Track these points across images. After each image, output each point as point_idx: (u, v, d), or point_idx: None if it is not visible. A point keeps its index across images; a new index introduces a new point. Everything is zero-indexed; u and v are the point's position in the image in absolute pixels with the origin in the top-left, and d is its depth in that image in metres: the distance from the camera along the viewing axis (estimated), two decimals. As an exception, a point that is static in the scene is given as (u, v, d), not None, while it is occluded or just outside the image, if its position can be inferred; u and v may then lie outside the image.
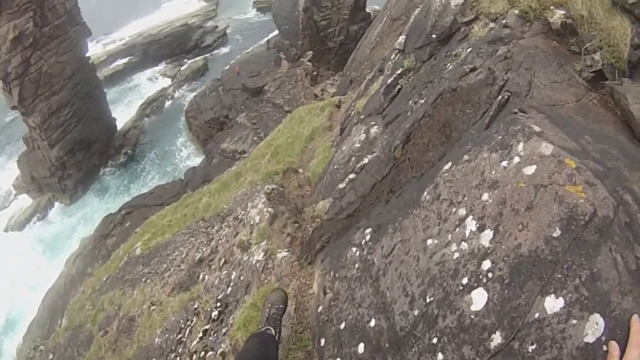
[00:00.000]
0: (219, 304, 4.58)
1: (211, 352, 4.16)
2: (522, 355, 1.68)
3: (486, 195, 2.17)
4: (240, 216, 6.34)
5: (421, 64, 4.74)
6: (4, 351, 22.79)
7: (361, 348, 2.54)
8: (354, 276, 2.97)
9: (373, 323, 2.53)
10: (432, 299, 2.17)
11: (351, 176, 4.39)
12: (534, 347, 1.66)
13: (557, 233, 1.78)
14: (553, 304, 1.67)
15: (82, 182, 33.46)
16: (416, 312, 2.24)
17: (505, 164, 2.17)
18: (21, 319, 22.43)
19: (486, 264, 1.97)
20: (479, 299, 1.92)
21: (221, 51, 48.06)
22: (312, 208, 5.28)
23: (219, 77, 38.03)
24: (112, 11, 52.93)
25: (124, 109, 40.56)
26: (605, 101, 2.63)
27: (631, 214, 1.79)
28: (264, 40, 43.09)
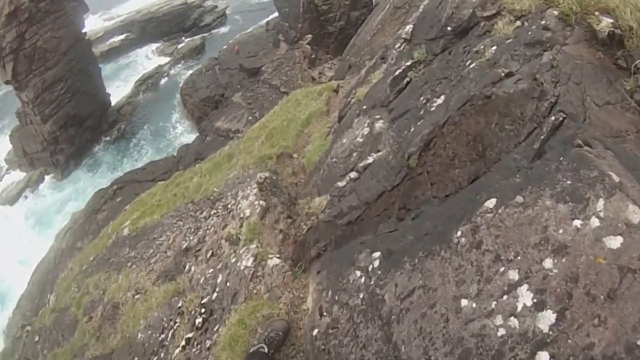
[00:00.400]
0: (203, 309, 4.34)
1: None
2: None
3: (549, 262, 1.73)
4: (230, 205, 6.12)
5: (433, 57, 4.42)
6: (-6, 324, 22.79)
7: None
8: (357, 307, 2.61)
9: (382, 376, 2.12)
10: (463, 378, 1.73)
11: (352, 175, 4.06)
12: None
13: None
14: None
15: (75, 157, 33.23)
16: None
17: (578, 224, 1.73)
18: (11, 292, 22.38)
19: (543, 357, 1.56)
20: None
21: (220, 31, 47.32)
22: (306, 202, 4.98)
23: (216, 56, 37.40)
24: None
25: (119, 84, 40.22)
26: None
27: None
28: (263, 22, 42.31)
